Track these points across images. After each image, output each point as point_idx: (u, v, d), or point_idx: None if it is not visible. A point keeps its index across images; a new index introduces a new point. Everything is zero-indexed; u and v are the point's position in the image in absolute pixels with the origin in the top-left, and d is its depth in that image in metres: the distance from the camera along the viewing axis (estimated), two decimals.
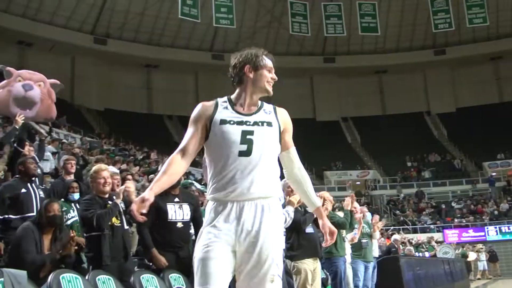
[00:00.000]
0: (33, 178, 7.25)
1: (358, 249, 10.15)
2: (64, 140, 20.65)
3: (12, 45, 36.38)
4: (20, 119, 8.44)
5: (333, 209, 9.22)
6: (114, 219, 6.29)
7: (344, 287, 8.78)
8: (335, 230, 3.80)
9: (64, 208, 6.98)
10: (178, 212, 6.72)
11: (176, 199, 6.79)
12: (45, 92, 9.00)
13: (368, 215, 10.92)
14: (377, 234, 10.80)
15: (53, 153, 14.17)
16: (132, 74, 44.17)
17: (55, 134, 24.33)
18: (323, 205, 7.92)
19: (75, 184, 7.55)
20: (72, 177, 8.58)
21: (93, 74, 41.23)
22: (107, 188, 6.48)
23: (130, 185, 7.45)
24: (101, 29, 40.76)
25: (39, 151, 9.54)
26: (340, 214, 9.06)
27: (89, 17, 39.79)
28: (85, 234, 6.38)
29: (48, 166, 12.44)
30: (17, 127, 8.40)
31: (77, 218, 7.03)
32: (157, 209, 6.52)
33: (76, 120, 33.62)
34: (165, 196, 6.59)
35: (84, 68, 41.03)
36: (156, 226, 6.57)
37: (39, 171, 8.16)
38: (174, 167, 3.66)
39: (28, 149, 8.98)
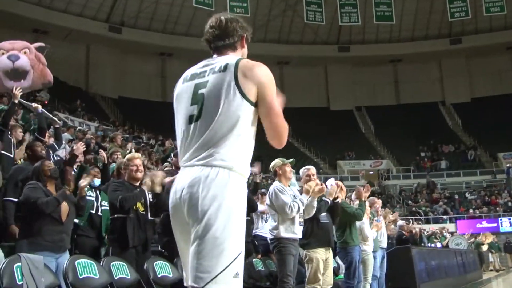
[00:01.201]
0: None
1: None
2: (79, 128, 20.79)
3: (27, 33, 36.45)
4: (18, 92, 8.17)
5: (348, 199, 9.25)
6: (139, 205, 6.39)
7: (358, 276, 8.82)
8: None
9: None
10: None
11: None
12: (33, 58, 8.80)
13: (379, 203, 10.83)
14: (382, 223, 10.74)
15: (70, 140, 14.25)
16: (146, 62, 44.28)
17: (70, 122, 24.52)
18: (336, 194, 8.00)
19: (97, 169, 7.61)
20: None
21: (108, 62, 41.39)
22: (139, 175, 6.58)
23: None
24: (116, 17, 40.87)
25: (56, 139, 9.63)
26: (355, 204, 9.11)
27: (104, 5, 39.91)
28: (110, 216, 6.48)
29: (63, 153, 12.54)
30: (16, 102, 8.23)
31: (93, 199, 7.12)
32: None
33: (91, 108, 33.77)
34: None
35: (99, 56, 41.20)
36: None
37: (57, 157, 8.25)
38: None
39: (48, 138, 9.09)
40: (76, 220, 6.78)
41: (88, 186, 6.95)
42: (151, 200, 6.57)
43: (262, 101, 3.11)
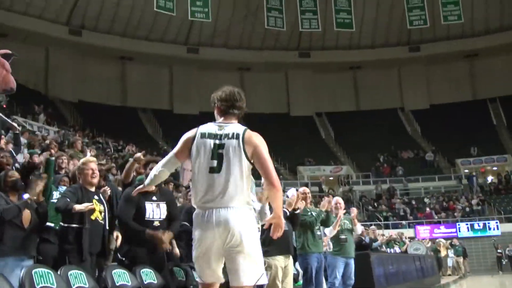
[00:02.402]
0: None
1: (337, 245, 10.21)
2: (37, 132, 20.47)
3: None
4: None
5: (313, 204, 9.32)
6: (97, 214, 6.33)
7: (316, 283, 8.86)
8: (280, 224, 4.47)
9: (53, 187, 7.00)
10: (155, 211, 6.78)
11: (154, 198, 6.85)
12: None
13: (354, 210, 10.92)
14: (358, 228, 10.82)
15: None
16: (106, 66, 43.83)
17: (28, 126, 24.15)
18: (304, 199, 8.19)
19: (66, 178, 7.52)
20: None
21: (68, 66, 40.83)
22: (95, 180, 6.50)
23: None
24: (76, 20, 40.38)
25: (15, 145, 9.45)
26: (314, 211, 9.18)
27: (64, 8, 39.41)
28: (62, 224, 6.34)
29: (21, 158, 12.32)
30: None
31: None
32: (137, 207, 6.61)
33: (50, 112, 33.27)
34: (145, 194, 6.65)
35: (59, 59, 40.62)
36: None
37: (16, 165, 8.11)
38: None
39: (4, 142, 8.91)
40: (52, 224, 6.70)
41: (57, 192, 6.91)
42: (108, 209, 6.54)
43: (259, 158, 4.40)
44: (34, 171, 7.36)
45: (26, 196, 6.24)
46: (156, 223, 6.78)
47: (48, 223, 6.66)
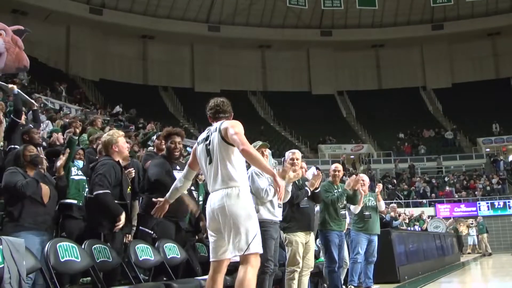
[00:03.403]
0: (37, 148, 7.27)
1: (361, 222, 10.24)
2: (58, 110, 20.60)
3: (6, 14, 35.95)
4: None
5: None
6: (129, 189, 6.41)
7: (340, 258, 8.92)
8: (280, 184, 4.89)
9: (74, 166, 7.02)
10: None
11: (178, 167, 6.85)
12: (9, 41, 8.51)
13: (379, 186, 10.92)
14: (382, 204, 10.83)
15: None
16: (127, 45, 43.94)
17: (50, 104, 24.32)
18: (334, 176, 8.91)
19: (81, 151, 7.54)
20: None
21: (89, 44, 40.99)
22: (127, 153, 6.60)
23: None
24: None
25: (34, 121, 9.49)
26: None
27: None
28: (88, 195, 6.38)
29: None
30: None
31: (84, 177, 7.04)
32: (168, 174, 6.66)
33: (72, 90, 33.44)
34: (172, 164, 6.78)
35: (79, 38, 40.79)
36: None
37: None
38: None
39: (24, 118, 8.97)
40: (74, 201, 6.78)
41: (75, 167, 6.96)
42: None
43: (229, 137, 4.91)
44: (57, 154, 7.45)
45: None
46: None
47: (70, 200, 6.76)
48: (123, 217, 6.03)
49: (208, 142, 5.08)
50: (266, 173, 5.28)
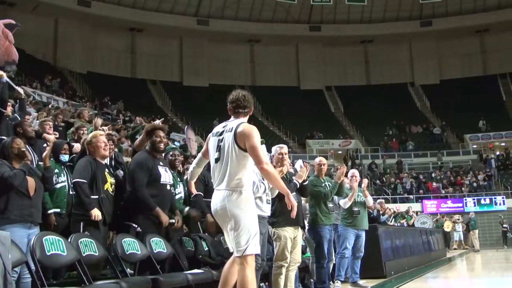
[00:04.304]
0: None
1: (349, 217, 10.27)
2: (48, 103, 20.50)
3: None
4: None
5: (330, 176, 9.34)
6: (108, 186, 6.43)
7: (327, 255, 8.93)
8: (294, 203, 5.22)
9: (56, 171, 6.95)
10: (166, 175, 6.82)
11: (161, 163, 6.88)
12: (0, 34, 8.54)
13: (365, 181, 10.92)
14: (369, 199, 10.85)
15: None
16: (116, 38, 43.78)
17: (37, 96, 24.20)
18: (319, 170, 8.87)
19: (66, 146, 7.50)
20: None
21: (77, 37, 40.77)
22: (107, 152, 6.64)
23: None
24: None
25: (20, 110, 9.38)
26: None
27: None
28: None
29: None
30: None
31: (65, 184, 7.01)
32: (151, 172, 6.63)
33: (60, 83, 33.29)
34: (155, 159, 6.74)
35: (68, 30, 40.55)
36: (148, 188, 6.60)
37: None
38: None
39: (11, 110, 8.86)
40: (58, 210, 6.79)
41: (54, 161, 6.90)
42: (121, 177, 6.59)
43: (248, 148, 5.02)
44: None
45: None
46: (168, 187, 6.86)
47: (54, 209, 6.77)
48: (94, 212, 6.14)
49: (221, 138, 5.20)
50: (280, 191, 5.33)
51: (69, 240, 5.56)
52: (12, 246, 4.83)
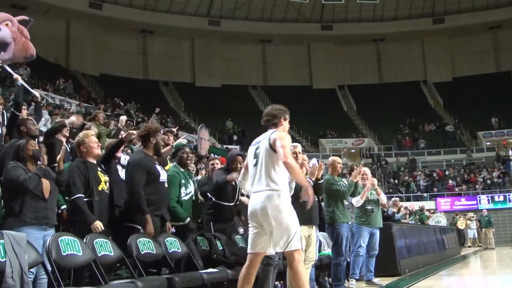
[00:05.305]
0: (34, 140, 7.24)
1: (363, 215, 10.28)
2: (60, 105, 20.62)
3: (5, 9, 35.61)
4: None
5: (342, 175, 9.38)
6: (103, 185, 6.36)
7: (345, 252, 8.97)
8: (307, 191, 5.43)
9: None
10: (162, 173, 6.87)
11: (156, 162, 6.93)
12: (16, 31, 8.52)
13: (374, 180, 10.91)
14: (382, 197, 10.86)
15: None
16: (127, 40, 43.91)
17: (50, 99, 24.34)
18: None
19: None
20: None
21: (88, 39, 40.90)
22: (99, 152, 6.58)
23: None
24: None
25: (36, 113, 9.43)
26: (345, 181, 9.29)
27: None
28: (68, 198, 6.37)
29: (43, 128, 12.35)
30: None
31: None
32: (150, 170, 6.64)
33: (77, 89, 33.39)
34: (151, 157, 6.77)
35: (79, 32, 40.70)
36: (147, 187, 6.58)
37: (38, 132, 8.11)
38: None
39: (26, 113, 8.92)
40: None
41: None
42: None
43: (277, 149, 5.42)
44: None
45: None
46: (166, 185, 6.91)
47: (65, 206, 6.83)
48: (93, 226, 6.04)
49: (257, 146, 5.66)
50: (301, 183, 5.57)
51: (84, 240, 5.59)
52: (28, 247, 4.87)
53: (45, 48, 35.80)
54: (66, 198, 6.31)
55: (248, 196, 6.78)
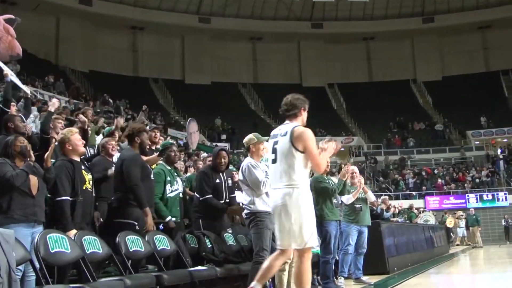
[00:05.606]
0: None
1: (352, 214, 10.31)
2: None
3: None
4: None
5: (331, 174, 9.41)
6: (87, 184, 6.30)
7: (334, 250, 8.99)
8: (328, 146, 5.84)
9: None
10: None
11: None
12: (1, 29, 8.52)
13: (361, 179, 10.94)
14: (370, 195, 10.90)
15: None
16: (118, 36, 43.75)
17: (39, 95, 24.19)
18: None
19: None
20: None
21: (78, 35, 40.71)
22: (83, 149, 6.53)
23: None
24: None
25: (25, 109, 9.39)
26: (335, 180, 9.31)
27: None
28: (50, 196, 6.29)
29: (32, 128, 12.28)
30: None
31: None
32: (143, 166, 6.70)
33: (67, 85, 33.22)
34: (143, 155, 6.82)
35: (69, 29, 40.50)
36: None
37: (27, 129, 8.08)
38: None
39: (15, 110, 8.88)
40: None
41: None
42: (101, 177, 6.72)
43: (307, 152, 5.48)
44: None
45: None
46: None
47: None
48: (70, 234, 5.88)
49: (276, 141, 5.64)
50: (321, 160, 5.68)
51: (72, 237, 5.57)
52: (16, 244, 4.85)
53: (35, 44, 35.66)
54: (49, 195, 6.23)
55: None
